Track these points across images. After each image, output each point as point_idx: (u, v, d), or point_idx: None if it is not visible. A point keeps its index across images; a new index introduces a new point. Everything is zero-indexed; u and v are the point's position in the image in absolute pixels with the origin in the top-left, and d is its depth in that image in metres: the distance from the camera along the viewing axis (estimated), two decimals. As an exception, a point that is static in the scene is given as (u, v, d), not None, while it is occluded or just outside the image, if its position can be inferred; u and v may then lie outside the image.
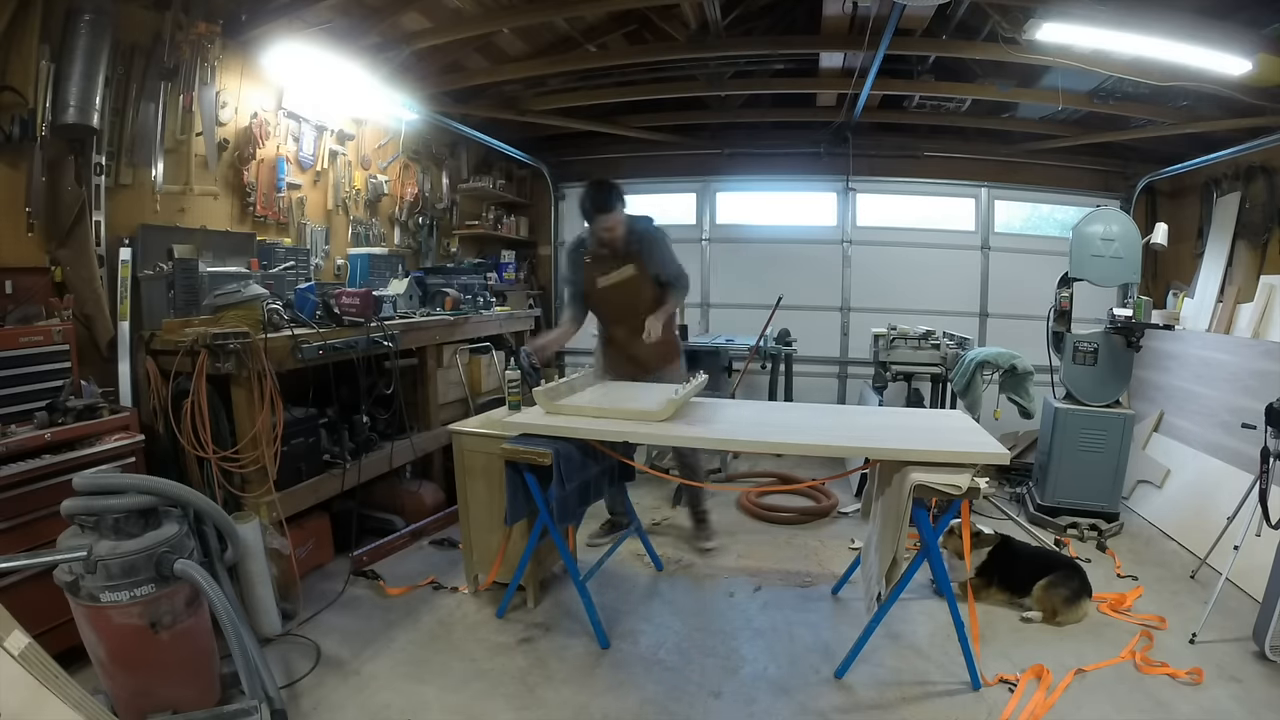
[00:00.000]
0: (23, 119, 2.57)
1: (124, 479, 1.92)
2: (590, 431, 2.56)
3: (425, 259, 5.26)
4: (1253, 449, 2.72)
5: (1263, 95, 3.67)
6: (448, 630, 2.70)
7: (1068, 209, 5.65)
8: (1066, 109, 4.57)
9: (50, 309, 2.61)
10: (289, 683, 2.29)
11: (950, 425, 2.61)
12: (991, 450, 2.21)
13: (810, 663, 2.50)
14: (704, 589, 3.09)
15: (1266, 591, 2.49)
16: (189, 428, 2.48)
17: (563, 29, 4.36)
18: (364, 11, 3.68)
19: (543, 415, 2.65)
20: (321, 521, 3.19)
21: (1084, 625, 2.75)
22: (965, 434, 2.45)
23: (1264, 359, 3.54)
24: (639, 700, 2.27)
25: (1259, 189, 4.49)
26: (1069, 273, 3.81)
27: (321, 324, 2.97)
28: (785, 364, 4.93)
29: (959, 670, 2.36)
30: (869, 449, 2.41)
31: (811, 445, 2.49)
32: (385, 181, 4.74)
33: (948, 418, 2.83)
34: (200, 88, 3.25)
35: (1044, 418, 3.91)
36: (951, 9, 3.49)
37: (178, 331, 2.62)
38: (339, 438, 3.14)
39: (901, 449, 2.28)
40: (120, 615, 1.81)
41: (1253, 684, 2.34)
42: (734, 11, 4.09)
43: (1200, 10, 3.14)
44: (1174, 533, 3.67)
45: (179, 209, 3.27)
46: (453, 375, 3.97)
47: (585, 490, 2.73)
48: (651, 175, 6.37)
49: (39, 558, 1.82)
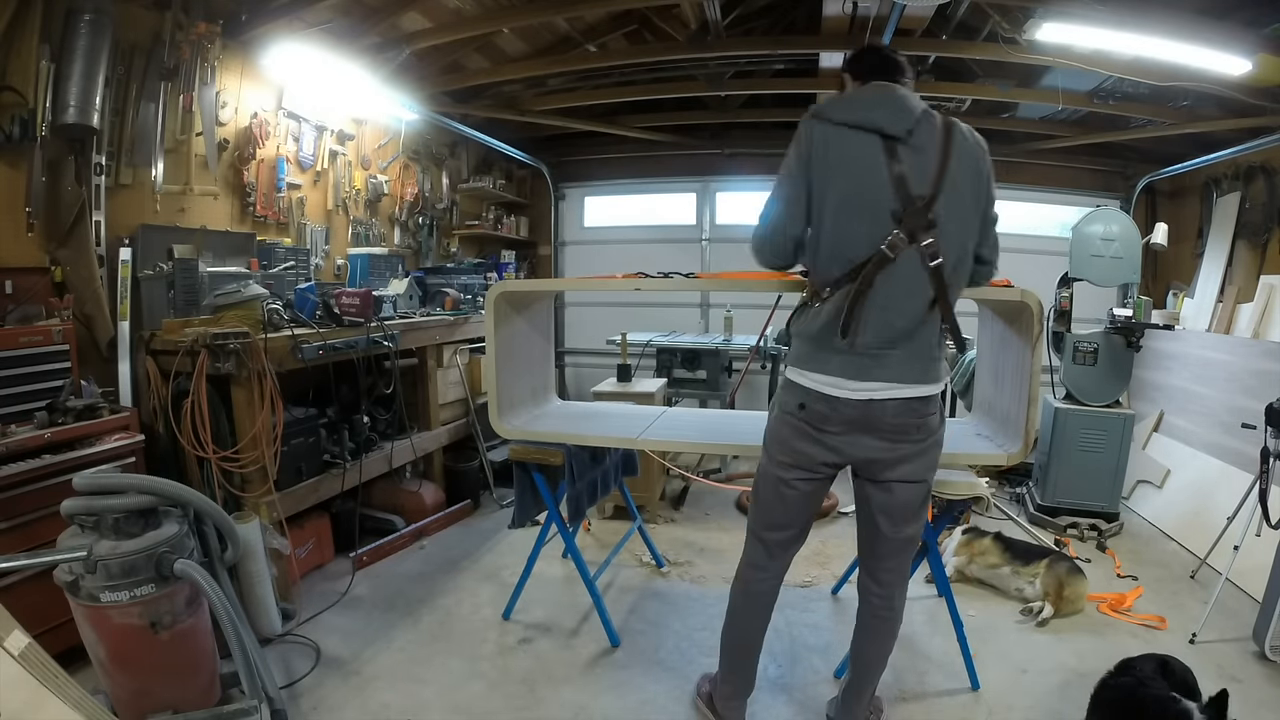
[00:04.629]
0: (23, 119, 2.57)
1: (124, 479, 1.92)
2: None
3: (425, 259, 5.26)
4: (1253, 449, 2.72)
5: (1263, 95, 3.67)
6: (448, 630, 2.70)
7: (1068, 209, 5.66)
8: (1066, 109, 4.56)
9: (50, 309, 2.61)
10: (289, 683, 2.30)
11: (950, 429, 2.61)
12: (990, 452, 2.21)
13: (810, 663, 2.50)
14: (704, 589, 3.09)
15: (1266, 591, 2.49)
16: (189, 428, 2.48)
17: (563, 29, 4.36)
18: (364, 11, 3.67)
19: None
20: (321, 521, 3.19)
21: (1084, 626, 2.75)
22: (964, 436, 2.45)
23: (1264, 359, 3.55)
24: (639, 700, 2.27)
25: (1259, 189, 4.49)
26: (1069, 273, 3.81)
27: (321, 324, 2.98)
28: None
29: (959, 670, 2.36)
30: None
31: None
32: (385, 181, 4.74)
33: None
34: (200, 88, 3.25)
35: (1044, 418, 3.91)
36: (951, 9, 3.49)
37: (178, 331, 2.62)
38: (339, 438, 3.14)
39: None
40: (120, 615, 1.80)
41: (1253, 684, 2.35)
42: (734, 11, 4.09)
43: (1200, 10, 3.14)
44: (1174, 533, 3.67)
45: (179, 209, 3.27)
46: (453, 375, 3.97)
47: (594, 487, 2.75)
48: (651, 175, 6.37)
49: (39, 558, 1.81)
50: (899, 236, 1.62)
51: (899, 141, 1.63)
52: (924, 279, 1.65)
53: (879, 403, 1.70)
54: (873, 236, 1.64)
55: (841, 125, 1.66)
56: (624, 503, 3.42)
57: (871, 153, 1.64)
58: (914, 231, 1.63)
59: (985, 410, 2.48)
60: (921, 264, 1.64)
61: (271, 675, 1.98)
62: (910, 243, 1.63)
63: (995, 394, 2.37)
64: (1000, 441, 2.24)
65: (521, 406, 2.71)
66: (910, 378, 1.70)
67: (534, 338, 2.80)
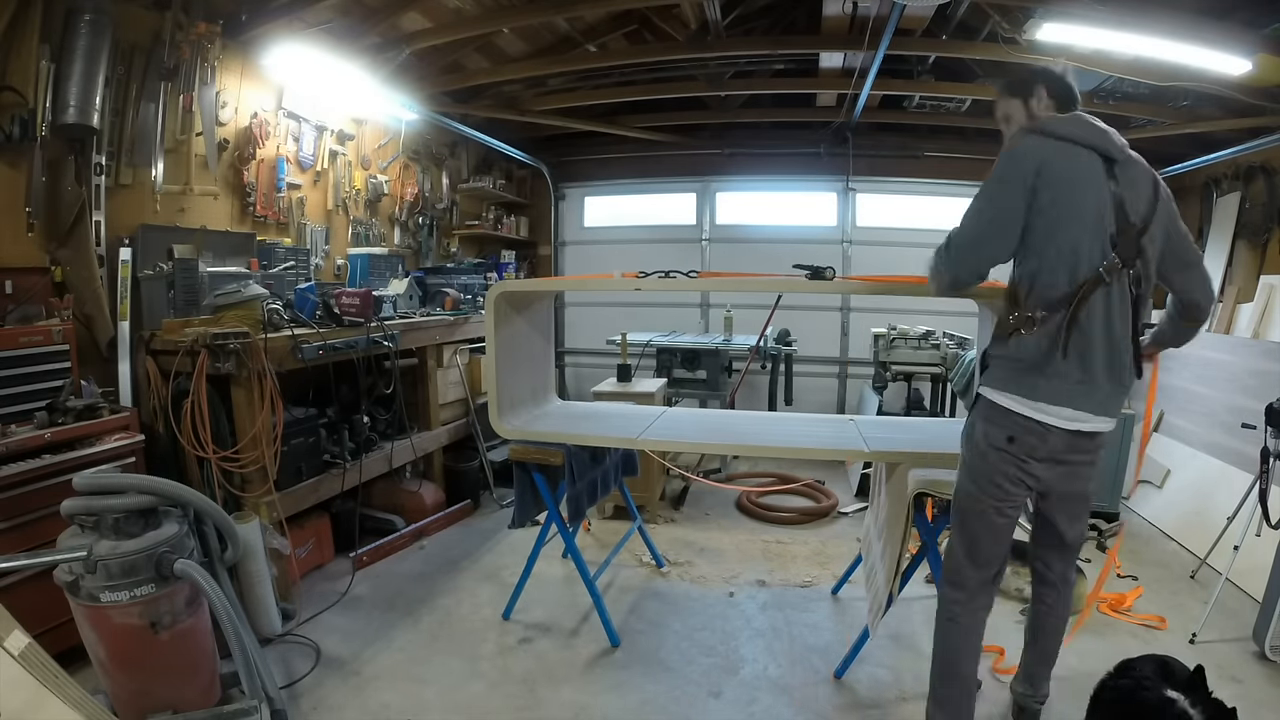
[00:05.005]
0: (23, 119, 2.57)
1: (124, 479, 1.92)
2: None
3: (425, 259, 5.26)
4: (1253, 449, 2.72)
5: (1263, 95, 3.67)
6: (448, 630, 2.70)
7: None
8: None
9: (50, 309, 2.61)
10: (289, 683, 2.30)
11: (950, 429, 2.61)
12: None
13: (810, 663, 2.50)
14: (704, 589, 3.09)
15: (1266, 591, 2.49)
16: (189, 428, 2.48)
17: (563, 29, 4.36)
18: (364, 11, 3.68)
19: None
20: (322, 521, 3.19)
21: (1084, 626, 2.74)
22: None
23: (1264, 359, 3.55)
24: (639, 700, 2.27)
25: (1259, 189, 4.49)
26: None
27: (321, 324, 2.98)
28: (785, 364, 4.93)
29: (959, 670, 2.36)
30: (870, 452, 2.40)
31: (815, 449, 2.49)
32: (385, 181, 4.74)
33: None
34: (200, 88, 3.25)
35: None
36: (951, 9, 3.49)
37: (178, 331, 2.62)
38: (339, 438, 3.14)
39: (902, 451, 2.28)
40: (120, 615, 1.80)
41: (1253, 684, 2.34)
42: (734, 11, 4.09)
43: (1200, 10, 3.14)
44: (1174, 533, 3.67)
45: (179, 209, 3.27)
46: (453, 375, 3.97)
47: (594, 487, 2.74)
48: (651, 175, 6.37)
49: (39, 558, 1.81)
50: (1114, 262, 1.60)
51: (1116, 164, 1.62)
52: (1127, 308, 1.64)
53: (1086, 436, 1.69)
54: (1093, 256, 1.60)
55: (1065, 140, 1.63)
56: (624, 503, 3.43)
57: (1095, 171, 1.62)
58: (1127, 258, 1.61)
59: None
60: (1125, 293, 1.63)
61: (271, 675, 1.98)
62: (1122, 268, 1.61)
63: None
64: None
65: (521, 407, 2.71)
66: (1112, 411, 1.69)
67: (534, 338, 2.81)
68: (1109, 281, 1.60)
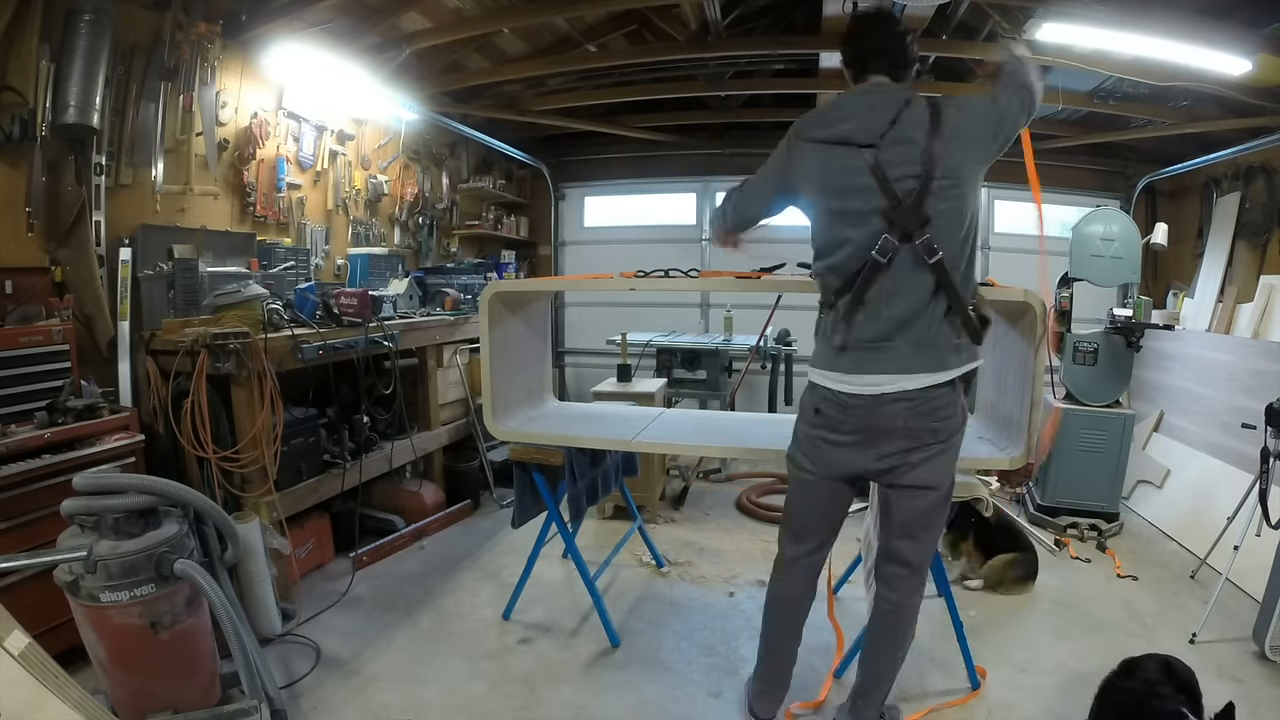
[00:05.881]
0: (23, 119, 2.57)
1: (124, 479, 1.92)
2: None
3: (425, 259, 5.26)
4: (1253, 449, 2.72)
5: (1263, 95, 3.67)
6: (448, 630, 2.70)
7: (1068, 209, 5.65)
8: (1066, 109, 4.56)
9: (50, 309, 2.61)
10: (289, 683, 2.30)
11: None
12: (993, 455, 2.20)
13: (810, 662, 2.49)
14: (704, 589, 3.08)
15: (1266, 591, 2.49)
16: (189, 428, 2.48)
17: (563, 29, 4.36)
18: (364, 11, 3.67)
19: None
20: (322, 521, 3.19)
21: (1084, 626, 2.75)
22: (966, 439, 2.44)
23: (1264, 359, 3.55)
24: (639, 700, 2.27)
25: (1259, 189, 4.49)
26: (1069, 273, 3.81)
27: (321, 324, 2.98)
28: (786, 364, 4.93)
29: (959, 670, 2.36)
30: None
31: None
32: (385, 181, 4.74)
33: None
34: (200, 88, 3.25)
35: (1044, 418, 3.91)
36: (951, 9, 3.49)
37: (178, 331, 2.62)
38: (339, 438, 3.14)
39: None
40: (120, 615, 1.80)
41: (1253, 684, 2.34)
42: (734, 11, 4.09)
43: (1200, 10, 3.14)
44: (1174, 533, 3.67)
45: (179, 209, 3.27)
46: (453, 375, 3.97)
47: (594, 487, 2.74)
48: (651, 175, 6.37)
49: (39, 558, 1.81)
50: (888, 240, 1.64)
51: (874, 147, 1.65)
52: (923, 274, 1.66)
53: (890, 400, 1.69)
54: (861, 244, 1.66)
55: (820, 142, 1.72)
56: (624, 503, 3.42)
57: (852, 163, 1.66)
58: (908, 230, 1.63)
59: (987, 412, 2.47)
60: (917, 262, 1.65)
61: (271, 675, 1.98)
62: (904, 242, 1.64)
63: (997, 396, 2.37)
64: (1003, 445, 2.23)
65: (517, 408, 2.71)
66: (918, 368, 1.69)
67: (530, 338, 2.80)
68: (884, 261, 1.65)
